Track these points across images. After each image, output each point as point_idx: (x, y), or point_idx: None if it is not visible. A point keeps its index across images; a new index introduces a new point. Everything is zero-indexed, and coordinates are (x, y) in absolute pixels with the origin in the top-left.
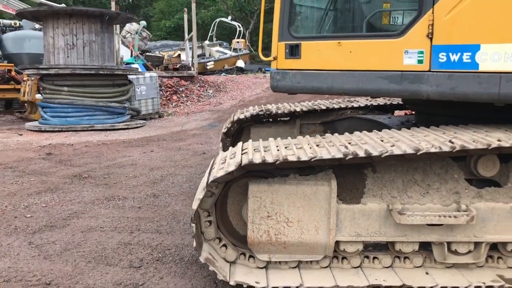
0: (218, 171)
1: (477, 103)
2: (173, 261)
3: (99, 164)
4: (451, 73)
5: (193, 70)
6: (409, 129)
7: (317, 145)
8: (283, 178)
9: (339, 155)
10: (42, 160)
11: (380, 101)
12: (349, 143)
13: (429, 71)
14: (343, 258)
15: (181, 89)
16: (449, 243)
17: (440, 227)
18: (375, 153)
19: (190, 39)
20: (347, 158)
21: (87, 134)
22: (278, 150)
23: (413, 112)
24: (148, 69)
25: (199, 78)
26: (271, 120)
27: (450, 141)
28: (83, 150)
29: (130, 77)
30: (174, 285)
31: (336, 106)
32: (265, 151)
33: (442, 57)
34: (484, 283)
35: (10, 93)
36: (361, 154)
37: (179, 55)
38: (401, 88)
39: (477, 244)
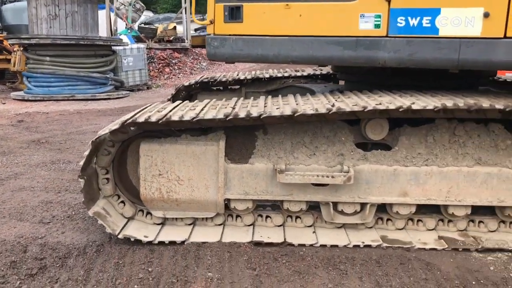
0: (103, 130)
1: (415, 71)
2: (82, 218)
3: (62, 131)
4: (410, 38)
5: (187, 43)
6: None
7: (213, 107)
8: (175, 138)
9: (221, 116)
10: (10, 127)
11: (328, 70)
12: (235, 106)
13: (387, 36)
14: (237, 216)
15: (174, 61)
16: (335, 204)
17: (325, 187)
18: (254, 114)
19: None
20: (227, 119)
21: (68, 103)
22: (170, 111)
23: None
24: (141, 41)
25: (193, 51)
26: (221, 88)
27: (332, 105)
28: (55, 118)
29: (117, 48)
30: (71, 239)
31: (279, 75)
32: (158, 111)
33: (401, 22)
34: (363, 242)
35: (2, 63)
36: (242, 115)
37: (174, 27)
38: (356, 55)
39: (363, 205)
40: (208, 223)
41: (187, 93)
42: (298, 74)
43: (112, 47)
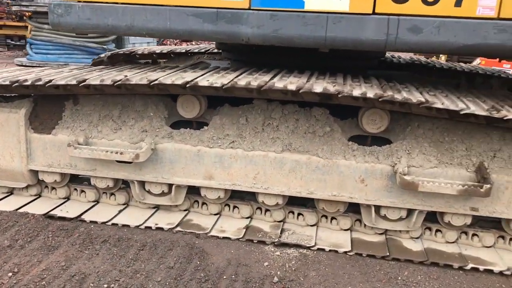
0: None
1: (299, 50)
2: None
3: None
4: (274, 12)
5: None
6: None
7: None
8: None
9: (27, 83)
10: None
11: None
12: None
13: (249, 9)
14: (53, 188)
15: None
16: (143, 183)
17: (130, 165)
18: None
19: None
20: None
21: None
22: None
23: None
24: None
25: None
26: (150, 61)
27: (126, 76)
28: None
29: None
30: None
31: (196, 50)
32: None
33: None
34: (156, 224)
35: (22, 30)
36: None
37: None
38: (217, 30)
39: (171, 186)
40: (23, 193)
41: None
42: (216, 50)
43: None
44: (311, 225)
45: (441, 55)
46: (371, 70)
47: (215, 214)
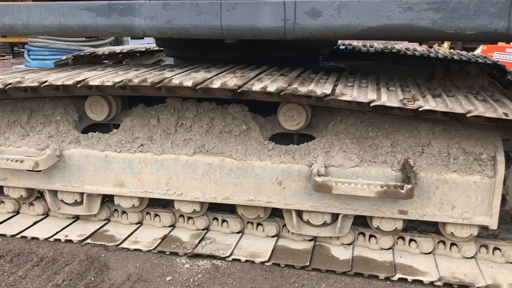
0: None
1: (253, 43)
2: None
3: None
4: (166, 1)
5: None
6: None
7: None
8: None
9: None
10: None
11: None
12: None
13: None
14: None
15: None
16: (55, 192)
17: (39, 173)
18: None
19: None
20: None
21: None
22: None
23: None
24: None
25: None
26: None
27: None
28: None
29: None
30: None
31: (156, 48)
32: None
33: None
34: (66, 236)
35: (26, 37)
36: None
37: None
38: (111, 23)
39: (83, 195)
40: None
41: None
42: None
43: None
44: (237, 232)
45: (444, 43)
46: (337, 61)
47: (136, 223)
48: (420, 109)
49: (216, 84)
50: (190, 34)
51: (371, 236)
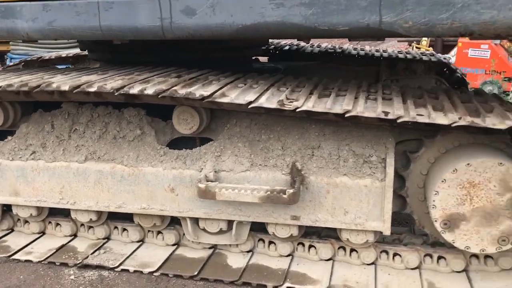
0: None
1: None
2: None
3: None
4: (46, 2)
5: None
6: None
7: None
8: None
9: None
10: None
11: None
12: None
13: (22, 0)
14: None
15: None
16: None
17: None
18: None
19: None
20: None
21: None
22: None
23: None
24: None
25: None
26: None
27: None
28: None
29: None
30: None
31: None
32: None
33: None
34: None
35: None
36: None
37: None
38: None
39: None
40: None
41: None
42: None
43: None
44: (137, 241)
45: (422, 40)
46: (286, 62)
47: (38, 233)
48: (297, 110)
49: (94, 87)
50: (72, 35)
51: (270, 242)
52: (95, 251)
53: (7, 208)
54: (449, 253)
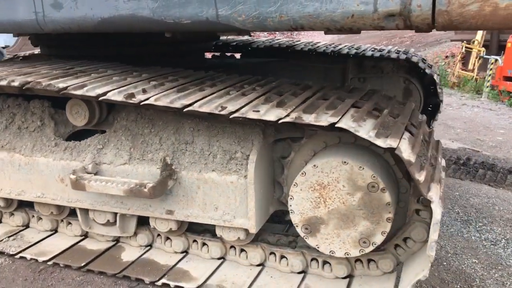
0: None
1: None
2: None
3: None
4: None
5: None
6: None
7: None
8: None
9: None
10: None
11: None
12: None
13: None
14: None
15: None
16: None
17: None
18: None
19: None
20: None
21: None
22: None
23: None
24: None
25: None
26: None
27: None
28: None
29: None
30: None
31: None
32: None
33: None
34: None
35: None
36: None
37: None
38: None
39: None
40: None
41: None
42: None
43: None
44: (50, 230)
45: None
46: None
47: None
48: (141, 104)
49: None
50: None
51: (167, 238)
52: (9, 237)
53: None
54: (332, 258)
